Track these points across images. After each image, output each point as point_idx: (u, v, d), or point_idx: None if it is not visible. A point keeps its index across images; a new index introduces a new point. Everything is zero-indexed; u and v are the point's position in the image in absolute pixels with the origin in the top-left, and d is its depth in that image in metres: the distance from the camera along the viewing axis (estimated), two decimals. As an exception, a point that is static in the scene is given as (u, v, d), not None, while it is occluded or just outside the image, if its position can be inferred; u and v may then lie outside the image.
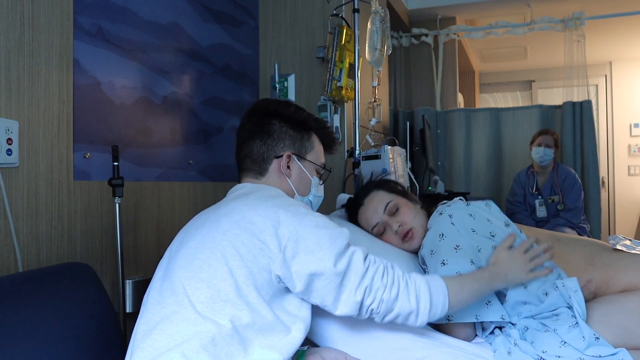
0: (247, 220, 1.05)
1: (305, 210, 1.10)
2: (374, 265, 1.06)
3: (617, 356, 1.08)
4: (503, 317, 1.24)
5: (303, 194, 1.29)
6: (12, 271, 1.33)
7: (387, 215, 1.49)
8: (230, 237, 1.04)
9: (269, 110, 1.28)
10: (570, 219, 3.31)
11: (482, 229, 1.37)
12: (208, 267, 1.01)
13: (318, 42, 2.51)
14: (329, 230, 1.06)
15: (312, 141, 1.31)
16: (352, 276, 1.04)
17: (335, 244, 1.05)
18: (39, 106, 1.43)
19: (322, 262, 1.02)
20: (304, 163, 1.28)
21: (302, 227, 1.05)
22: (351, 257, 1.05)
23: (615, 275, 1.27)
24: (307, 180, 1.29)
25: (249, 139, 1.26)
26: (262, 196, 1.14)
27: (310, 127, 1.31)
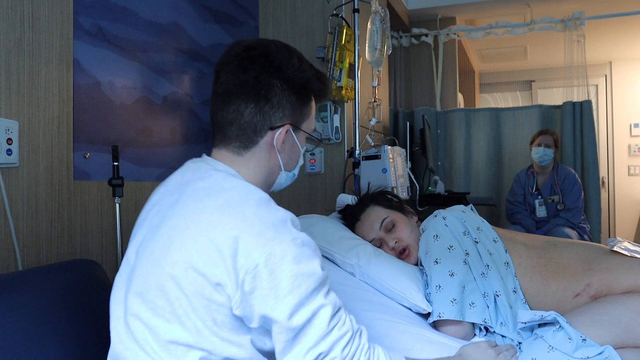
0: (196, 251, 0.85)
1: (273, 232, 0.85)
2: (340, 329, 0.86)
3: (603, 354, 1.08)
4: (485, 321, 1.27)
5: (289, 169, 1.07)
6: (11, 271, 1.33)
7: (383, 231, 1.51)
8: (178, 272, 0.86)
9: (272, 62, 0.98)
10: (570, 219, 3.31)
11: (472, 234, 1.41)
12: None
13: (318, 42, 2.51)
14: (297, 266, 0.84)
15: (311, 107, 1.07)
16: (310, 333, 0.84)
17: (298, 289, 0.83)
18: (39, 106, 1.43)
19: (274, 312, 0.83)
20: (298, 134, 1.05)
21: (263, 260, 0.82)
22: (316, 312, 0.84)
23: (616, 279, 1.26)
24: (297, 152, 1.07)
25: (240, 98, 0.97)
26: (224, 203, 0.89)
27: (312, 90, 1.05)
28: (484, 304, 1.28)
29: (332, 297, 0.89)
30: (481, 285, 1.31)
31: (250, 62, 0.97)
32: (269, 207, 0.90)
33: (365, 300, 1.30)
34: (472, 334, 1.31)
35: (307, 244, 0.88)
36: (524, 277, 1.36)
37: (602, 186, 5.30)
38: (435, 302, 1.28)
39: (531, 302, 1.35)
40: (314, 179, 2.54)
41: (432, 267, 1.33)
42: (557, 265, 1.35)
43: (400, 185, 2.26)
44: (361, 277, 1.39)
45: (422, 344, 1.18)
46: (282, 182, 1.08)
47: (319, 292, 0.86)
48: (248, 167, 1.00)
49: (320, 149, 2.50)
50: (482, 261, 1.35)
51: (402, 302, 1.34)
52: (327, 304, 0.86)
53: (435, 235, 1.39)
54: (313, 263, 0.87)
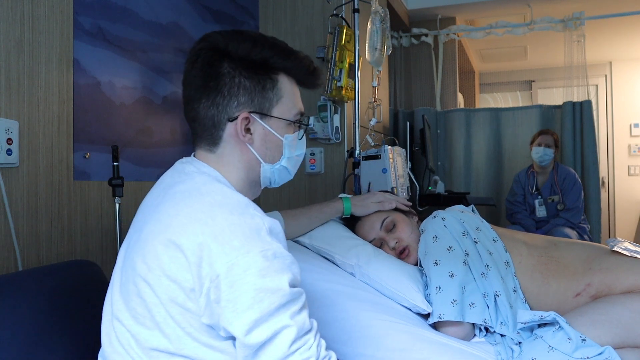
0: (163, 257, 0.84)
1: (241, 242, 0.80)
2: (302, 354, 0.79)
3: (603, 355, 1.08)
4: (485, 321, 1.26)
5: (272, 161, 1.00)
6: (11, 271, 1.33)
7: (383, 231, 1.51)
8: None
9: (218, 51, 0.93)
10: (570, 219, 3.31)
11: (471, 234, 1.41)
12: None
13: (318, 42, 2.51)
14: (261, 280, 0.79)
15: (280, 88, 0.97)
16: (268, 353, 0.78)
17: (260, 304, 0.78)
18: (39, 106, 1.43)
19: (231, 326, 0.79)
20: (269, 121, 0.97)
21: (225, 269, 0.79)
22: (278, 331, 0.78)
23: (617, 279, 1.26)
24: (275, 142, 0.98)
25: (193, 94, 0.95)
26: (197, 209, 0.85)
27: (276, 68, 0.97)
28: (484, 304, 1.28)
29: (301, 318, 0.82)
30: (481, 286, 1.31)
31: (197, 56, 0.94)
32: (243, 214, 0.84)
33: (365, 300, 1.30)
34: (472, 334, 1.32)
35: (280, 257, 0.82)
36: (524, 275, 1.36)
37: (602, 186, 5.30)
38: (436, 303, 1.28)
39: (531, 301, 1.35)
40: (314, 179, 2.54)
41: (431, 268, 1.33)
42: (558, 264, 1.35)
43: (400, 185, 2.26)
44: (361, 278, 1.39)
45: (422, 344, 1.18)
46: (270, 177, 1.02)
47: (285, 311, 0.80)
48: (223, 164, 0.97)
49: (321, 148, 2.50)
50: (482, 261, 1.35)
51: (402, 303, 1.34)
52: (292, 324, 0.79)
53: (434, 236, 1.40)
54: (281, 278, 0.80)
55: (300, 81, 1.03)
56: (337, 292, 1.29)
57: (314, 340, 0.82)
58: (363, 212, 1.55)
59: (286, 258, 0.84)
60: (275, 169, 1.01)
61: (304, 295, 0.85)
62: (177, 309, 0.83)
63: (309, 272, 1.33)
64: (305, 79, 1.03)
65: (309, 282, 1.31)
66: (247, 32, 0.97)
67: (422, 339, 1.20)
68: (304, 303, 0.84)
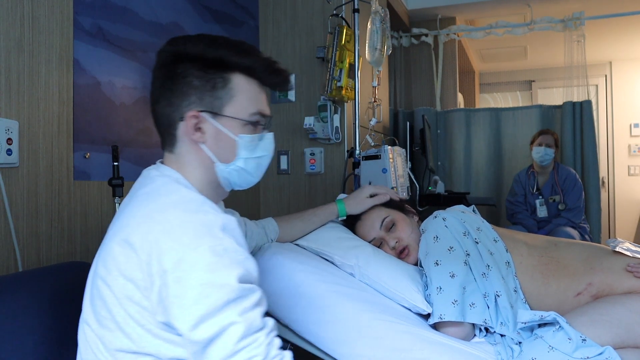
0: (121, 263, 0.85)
1: (191, 238, 0.81)
2: (249, 352, 0.78)
3: (603, 355, 1.08)
4: (485, 321, 1.26)
5: (227, 161, 0.99)
6: (12, 271, 1.33)
7: (383, 230, 1.51)
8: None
9: (177, 51, 0.96)
10: (571, 219, 3.31)
11: (472, 234, 1.41)
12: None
13: (318, 42, 2.51)
14: (208, 275, 0.79)
15: (232, 87, 0.96)
16: (215, 351, 0.78)
17: (206, 299, 0.78)
18: (39, 106, 1.43)
19: (177, 321, 0.79)
20: (221, 120, 0.96)
21: (172, 265, 0.80)
22: (225, 328, 0.78)
23: (618, 279, 1.26)
24: (228, 142, 0.97)
25: (154, 97, 0.99)
26: (153, 209, 0.88)
27: (230, 66, 0.96)
28: (484, 304, 1.28)
29: (252, 315, 0.80)
30: (482, 286, 1.31)
31: (158, 59, 0.98)
32: (196, 212, 0.86)
33: (364, 300, 1.30)
34: (472, 334, 1.32)
35: (232, 252, 0.83)
36: (524, 275, 1.36)
37: (602, 186, 5.30)
38: (436, 303, 1.28)
39: (531, 301, 1.35)
40: (313, 179, 2.54)
41: (432, 269, 1.33)
42: (558, 264, 1.35)
43: (400, 185, 2.26)
44: (361, 278, 1.39)
45: (422, 344, 1.18)
46: (228, 177, 1.01)
47: (233, 307, 0.79)
48: (181, 164, 0.99)
49: (321, 149, 2.50)
50: (483, 261, 1.35)
51: (401, 303, 1.34)
52: (240, 321, 0.78)
53: (435, 236, 1.40)
54: (230, 274, 0.80)
55: (263, 81, 1.01)
56: (336, 292, 1.29)
57: (265, 339, 0.81)
58: (359, 209, 1.56)
59: (239, 254, 0.84)
60: (231, 169, 1.00)
61: (258, 292, 0.84)
62: (134, 307, 0.84)
63: (308, 273, 1.33)
64: (266, 78, 1.01)
65: (308, 282, 1.31)
66: (210, 35, 0.98)
67: (422, 339, 1.20)
68: (257, 300, 0.83)
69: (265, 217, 1.51)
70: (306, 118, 2.42)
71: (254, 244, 1.39)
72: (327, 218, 1.55)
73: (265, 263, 1.36)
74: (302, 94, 2.56)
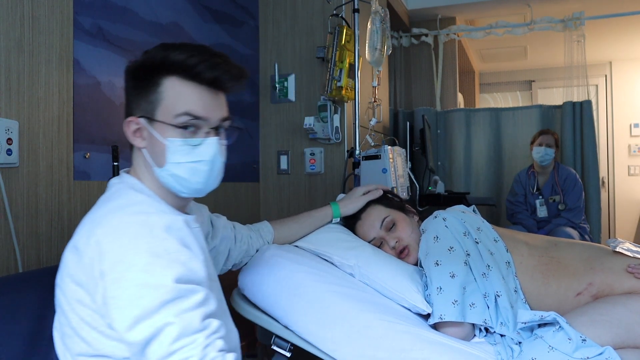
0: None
1: (130, 239, 0.82)
2: (184, 353, 0.77)
3: (603, 355, 1.08)
4: (485, 321, 1.26)
5: (159, 165, 0.97)
6: (12, 271, 1.33)
7: (383, 230, 1.51)
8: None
9: (139, 59, 0.98)
10: (571, 219, 3.31)
11: (472, 234, 1.41)
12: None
13: (318, 42, 2.51)
14: (144, 276, 0.79)
15: (162, 91, 0.94)
16: (152, 351, 0.78)
17: (140, 300, 0.78)
18: (39, 106, 1.43)
19: (115, 322, 0.80)
20: (154, 125, 0.95)
21: (110, 267, 0.80)
22: (161, 329, 0.77)
23: (618, 280, 1.27)
24: (159, 146, 0.95)
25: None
26: (101, 214, 0.90)
27: (160, 69, 0.94)
28: (484, 304, 1.28)
29: (190, 316, 0.79)
30: (482, 286, 1.31)
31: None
32: (139, 213, 0.87)
33: (364, 301, 1.30)
34: (472, 334, 1.32)
35: (173, 253, 0.83)
36: (524, 275, 1.36)
37: (602, 186, 5.30)
38: (436, 303, 1.28)
39: (531, 301, 1.35)
40: (314, 179, 2.54)
41: (432, 269, 1.33)
42: (559, 264, 1.35)
43: (400, 185, 2.26)
44: (360, 278, 1.39)
45: (422, 344, 1.18)
46: (166, 182, 0.98)
47: (169, 308, 0.78)
48: (135, 168, 1.02)
49: (321, 149, 2.50)
50: (483, 261, 1.35)
51: (401, 303, 1.34)
52: (175, 322, 0.77)
53: (435, 236, 1.40)
54: (166, 275, 0.80)
55: (200, 79, 0.96)
56: (336, 292, 1.29)
57: (204, 340, 0.79)
58: (353, 208, 1.56)
59: (181, 254, 0.84)
60: (165, 174, 0.97)
61: (200, 293, 0.83)
62: (86, 311, 0.86)
63: (308, 274, 1.33)
64: (204, 75, 0.95)
65: (308, 283, 1.31)
66: (168, 43, 0.97)
67: (422, 339, 1.20)
68: (199, 301, 0.82)
69: (265, 217, 1.52)
70: (306, 118, 2.42)
71: (244, 247, 1.39)
72: (323, 220, 1.55)
73: (264, 264, 1.36)
74: (302, 94, 2.56)
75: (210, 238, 1.29)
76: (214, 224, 1.32)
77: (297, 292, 1.29)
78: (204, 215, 1.28)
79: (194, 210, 1.19)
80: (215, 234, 1.30)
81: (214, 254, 1.31)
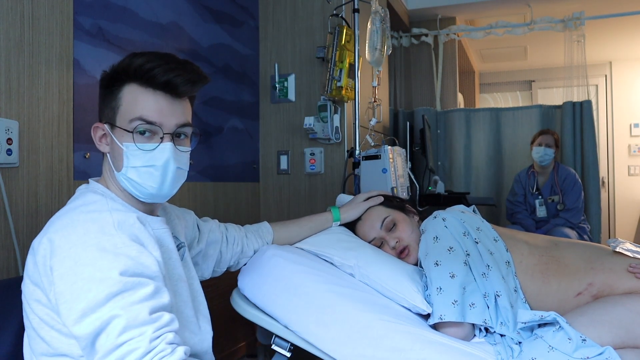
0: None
1: (79, 236, 0.84)
2: (132, 344, 0.77)
3: (603, 355, 1.08)
4: (485, 321, 1.26)
5: (118, 169, 0.99)
6: (12, 272, 1.33)
7: (384, 230, 1.52)
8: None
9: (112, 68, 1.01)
10: (569, 219, 3.31)
11: (472, 234, 1.41)
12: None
13: (318, 42, 2.51)
14: (90, 270, 0.80)
15: (120, 97, 0.97)
16: (100, 345, 0.78)
17: (86, 294, 0.79)
18: (39, 106, 1.43)
19: (63, 317, 0.81)
20: (114, 130, 0.98)
21: (58, 262, 0.82)
22: (107, 322, 0.78)
23: (618, 280, 1.27)
24: (119, 151, 0.98)
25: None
26: (57, 216, 0.94)
27: (120, 77, 0.97)
28: (484, 304, 1.28)
29: (137, 309, 0.80)
30: (482, 286, 1.31)
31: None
32: (91, 212, 0.90)
33: (364, 300, 1.30)
34: (472, 334, 1.32)
35: (121, 246, 0.85)
36: (524, 275, 1.36)
37: (602, 186, 5.30)
38: (436, 304, 1.28)
39: (531, 301, 1.35)
40: (313, 179, 2.54)
41: (432, 269, 1.33)
42: (559, 264, 1.35)
43: (400, 185, 2.26)
44: (360, 278, 1.39)
45: (422, 344, 1.18)
46: (125, 186, 1.00)
47: (115, 300, 0.79)
48: (103, 171, 1.05)
49: (320, 149, 2.50)
50: (483, 261, 1.35)
51: (401, 303, 1.34)
52: (121, 314, 0.78)
53: (435, 236, 1.40)
54: (112, 267, 0.81)
55: (156, 84, 0.96)
56: (336, 293, 1.29)
57: (152, 333, 0.79)
58: (354, 214, 1.57)
59: (131, 249, 0.86)
60: (122, 178, 0.99)
61: (149, 286, 0.84)
62: (43, 310, 0.87)
63: (308, 274, 1.33)
64: (160, 79, 0.96)
65: (308, 283, 1.31)
66: (137, 52, 0.98)
67: (422, 339, 1.20)
68: (148, 294, 0.83)
69: (265, 217, 1.52)
70: (306, 118, 2.42)
71: (238, 248, 1.40)
72: (323, 224, 1.56)
73: (264, 264, 1.36)
74: (302, 94, 2.56)
75: (196, 243, 1.30)
76: (200, 229, 1.33)
77: (297, 292, 1.29)
78: (189, 220, 1.29)
79: (168, 212, 1.21)
80: (200, 239, 1.32)
81: (201, 258, 1.32)
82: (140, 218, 0.96)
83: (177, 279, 1.06)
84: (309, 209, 2.51)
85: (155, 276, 0.87)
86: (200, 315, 1.13)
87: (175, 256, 1.08)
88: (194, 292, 1.14)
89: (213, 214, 2.19)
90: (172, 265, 1.05)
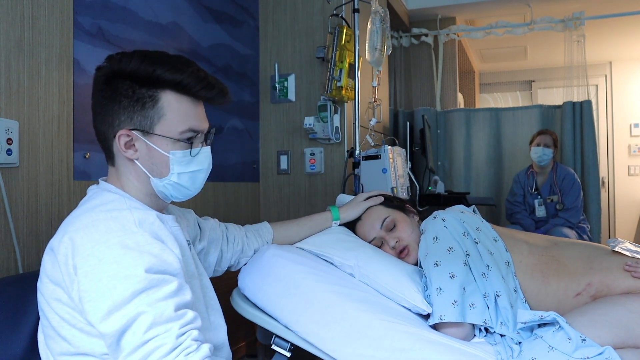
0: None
1: (101, 234, 0.85)
2: (159, 340, 0.78)
3: (603, 355, 1.08)
4: (485, 321, 1.26)
5: (160, 176, 1.00)
6: (12, 271, 1.33)
7: (384, 230, 1.52)
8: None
9: (110, 70, 0.97)
10: (568, 219, 3.31)
11: (471, 234, 1.41)
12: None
13: (318, 42, 2.51)
14: (115, 268, 0.81)
15: (162, 107, 0.96)
16: (127, 341, 0.79)
17: (112, 291, 0.80)
18: (39, 106, 1.43)
19: (89, 315, 0.81)
20: (151, 138, 0.97)
21: (82, 260, 0.83)
22: (134, 318, 0.79)
23: (616, 280, 1.27)
24: (161, 158, 0.98)
25: (93, 114, 1.01)
26: (75, 215, 0.93)
27: (158, 84, 0.96)
28: (484, 304, 1.28)
29: (163, 305, 0.81)
30: (481, 286, 1.31)
31: (95, 76, 1.00)
32: (111, 210, 0.91)
33: (364, 300, 1.30)
34: (472, 334, 1.32)
35: (144, 244, 0.85)
36: (524, 275, 1.36)
37: (602, 186, 5.30)
38: (436, 304, 1.28)
39: (531, 301, 1.35)
40: (313, 179, 2.54)
41: (432, 269, 1.33)
42: (559, 264, 1.35)
43: (400, 185, 2.26)
44: (360, 278, 1.39)
45: (422, 344, 1.18)
46: (163, 191, 1.02)
47: (141, 297, 0.80)
48: (120, 176, 1.02)
49: (320, 149, 2.50)
50: (483, 261, 1.35)
51: (401, 303, 1.34)
52: (148, 311, 0.79)
53: (434, 237, 1.40)
54: (137, 265, 0.82)
55: (196, 96, 1.00)
56: (336, 292, 1.29)
57: (178, 330, 0.80)
58: (354, 214, 1.57)
59: (153, 246, 0.87)
60: (166, 183, 1.01)
61: (173, 283, 0.85)
62: (64, 309, 0.87)
63: (308, 274, 1.33)
64: (199, 93, 1.00)
65: (308, 283, 1.31)
66: (145, 51, 0.98)
67: (422, 339, 1.20)
68: (172, 291, 0.84)
69: (265, 217, 1.52)
70: (306, 118, 2.42)
71: (239, 247, 1.41)
72: (322, 224, 1.56)
73: (265, 264, 1.36)
74: (302, 94, 2.56)
75: (198, 241, 1.31)
76: (201, 227, 1.33)
77: (297, 292, 1.29)
78: (190, 219, 1.30)
79: (172, 211, 1.21)
80: (202, 237, 1.32)
81: (204, 256, 1.33)
82: (159, 216, 0.98)
83: (190, 276, 1.07)
84: (309, 209, 2.51)
85: (178, 273, 0.88)
86: (212, 310, 1.13)
87: (188, 253, 1.09)
88: (204, 288, 1.15)
89: (213, 214, 2.19)
90: (186, 262, 1.06)
